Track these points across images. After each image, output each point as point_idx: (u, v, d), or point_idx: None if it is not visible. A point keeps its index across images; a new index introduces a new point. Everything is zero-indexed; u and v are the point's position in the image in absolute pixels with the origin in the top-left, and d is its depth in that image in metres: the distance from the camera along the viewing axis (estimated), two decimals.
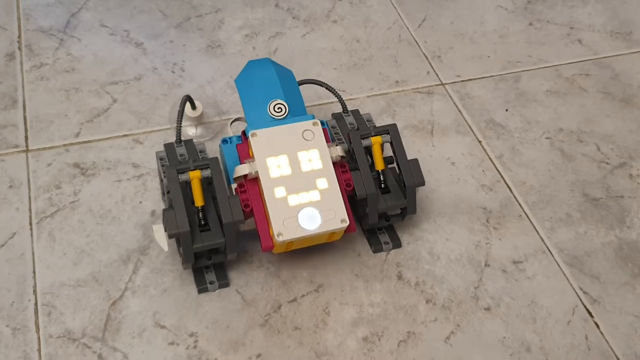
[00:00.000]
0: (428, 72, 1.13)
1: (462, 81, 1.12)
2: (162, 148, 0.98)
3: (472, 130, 1.05)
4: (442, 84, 1.12)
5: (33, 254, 0.86)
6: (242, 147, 0.84)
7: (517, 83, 1.13)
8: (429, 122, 1.05)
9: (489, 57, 1.17)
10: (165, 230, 0.78)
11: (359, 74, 1.12)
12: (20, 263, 0.85)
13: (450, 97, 1.10)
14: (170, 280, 0.84)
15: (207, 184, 0.82)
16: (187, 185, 0.80)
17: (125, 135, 1.00)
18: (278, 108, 0.85)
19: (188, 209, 0.79)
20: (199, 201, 0.80)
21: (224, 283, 0.83)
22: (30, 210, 0.90)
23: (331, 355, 0.79)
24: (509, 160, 1.01)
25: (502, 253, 0.90)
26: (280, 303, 0.83)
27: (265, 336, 0.80)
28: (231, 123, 0.92)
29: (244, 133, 0.86)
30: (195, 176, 0.80)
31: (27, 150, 0.97)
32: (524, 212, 0.95)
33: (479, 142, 1.03)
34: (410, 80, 1.12)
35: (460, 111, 1.08)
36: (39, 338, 0.78)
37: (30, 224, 0.89)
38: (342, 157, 0.84)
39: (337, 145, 0.84)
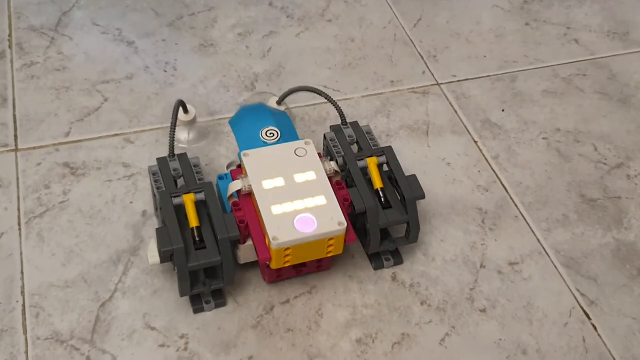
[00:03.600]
0: (423, 72, 1.12)
1: (457, 81, 1.11)
2: (153, 148, 0.97)
3: (467, 131, 1.04)
4: (438, 84, 1.11)
5: (21, 254, 0.84)
6: (237, 172, 0.83)
7: (514, 83, 1.11)
8: (424, 122, 1.04)
9: (484, 56, 1.16)
10: (159, 249, 0.76)
11: (354, 74, 1.11)
12: (8, 263, 0.83)
13: (446, 97, 1.08)
14: (161, 281, 0.83)
15: (201, 208, 0.79)
16: (181, 208, 0.78)
17: (116, 135, 0.99)
18: (270, 133, 0.86)
19: (182, 228, 0.76)
20: (193, 222, 0.77)
21: (220, 302, 0.81)
22: (18, 209, 0.89)
23: (324, 357, 0.78)
24: (505, 160, 1.00)
25: (498, 254, 0.88)
26: (272, 304, 0.82)
27: (257, 338, 0.79)
28: (228, 167, 0.91)
29: (239, 166, 0.85)
30: (188, 199, 0.78)
31: (16, 150, 0.96)
32: (520, 212, 0.93)
33: (475, 142, 1.02)
34: (406, 80, 1.11)
35: (455, 111, 1.06)
36: (26, 340, 0.77)
37: (19, 224, 0.87)
38: (336, 171, 0.83)
39: (330, 160, 0.84)
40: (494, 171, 0.98)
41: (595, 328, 0.82)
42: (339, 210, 0.78)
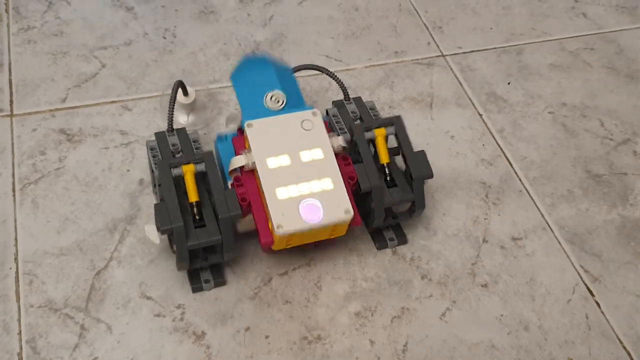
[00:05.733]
0: (428, 43, 1.10)
1: (463, 53, 1.09)
2: (151, 116, 0.95)
3: (472, 104, 1.02)
4: (443, 56, 1.08)
5: (15, 221, 0.83)
6: (238, 140, 0.80)
7: (520, 56, 1.09)
8: (428, 95, 1.02)
9: (491, 29, 1.13)
10: (157, 226, 0.73)
11: (357, 44, 1.09)
12: (2, 230, 0.82)
13: (451, 68, 1.06)
14: (157, 250, 0.81)
15: (201, 179, 0.76)
16: (180, 180, 0.75)
17: (114, 102, 0.97)
18: (275, 99, 0.81)
19: (181, 203, 0.73)
20: (193, 196, 0.74)
21: (220, 281, 0.79)
22: (13, 176, 0.87)
23: (322, 329, 0.76)
24: (510, 134, 0.98)
25: (501, 229, 0.87)
26: (270, 276, 0.80)
27: (255, 309, 0.77)
28: (227, 124, 0.88)
29: (240, 129, 0.82)
30: (188, 170, 0.75)
31: (11, 115, 0.94)
32: (525, 187, 0.92)
33: (480, 115, 1.00)
34: (410, 51, 1.09)
35: (460, 83, 1.04)
36: (19, 307, 0.76)
37: (14, 190, 0.85)
38: (343, 147, 0.79)
39: (338, 136, 0.80)
40: (498, 145, 0.96)
41: (598, 305, 0.81)
42: (345, 195, 0.75)
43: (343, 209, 0.74)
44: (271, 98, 0.81)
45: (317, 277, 0.81)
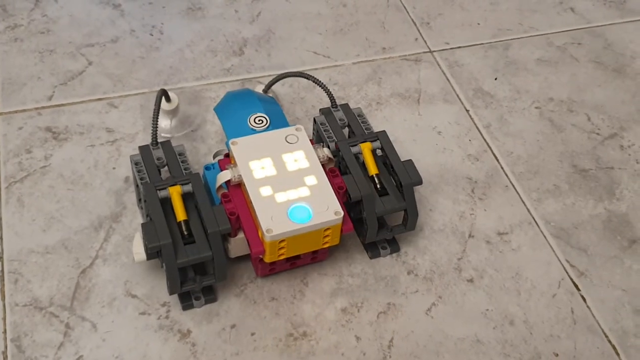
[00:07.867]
0: (416, 39, 1.10)
1: (450, 49, 1.09)
2: (137, 113, 0.95)
3: (459, 99, 1.02)
4: (431, 51, 1.08)
5: (0, 219, 0.82)
6: (225, 162, 0.79)
7: (507, 51, 1.09)
8: (415, 90, 1.02)
9: (479, 24, 1.13)
10: (145, 244, 0.72)
11: (345, 40, 1.09)
12: None
13: (439, 64, 1.06)
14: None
15: (188, 199, 0.75)
16: (167, 201, 0.74)
17: (100, 99, 0.96)
18: (259, 120, 0.81)
19: (169, 221, 0.72)
20: (181, 215, 0.73)
21: (210, 298, 0.77)
22: None
23: (308, 326, 0.76)
24: (497, 129, 0.98)
25: (487, 224, 0.87)
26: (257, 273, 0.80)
27: (241, 306, 0.77)
28: (214, 157, 0.88)
29: (227, 155, 0.81)
30: (175, 191, 0.74)
31: None
32: (511, 182, 0.92)
33: (467, 111, 1.00)
34: (398, 47, 1.09)
35: (448, 79, 1.04)
36: (4, 306, 0.75)
37: None
38: (329, 158, 0.79)
39: (323, 147, 0.79)
40: (485, 140, 0.96)
41: (584, 300, 0.81)
42: (334, 198, 0.74)
43: (333, 211, 0.73)
44: (255, 119, 0.81)
45: (303, 274, 0.81)
